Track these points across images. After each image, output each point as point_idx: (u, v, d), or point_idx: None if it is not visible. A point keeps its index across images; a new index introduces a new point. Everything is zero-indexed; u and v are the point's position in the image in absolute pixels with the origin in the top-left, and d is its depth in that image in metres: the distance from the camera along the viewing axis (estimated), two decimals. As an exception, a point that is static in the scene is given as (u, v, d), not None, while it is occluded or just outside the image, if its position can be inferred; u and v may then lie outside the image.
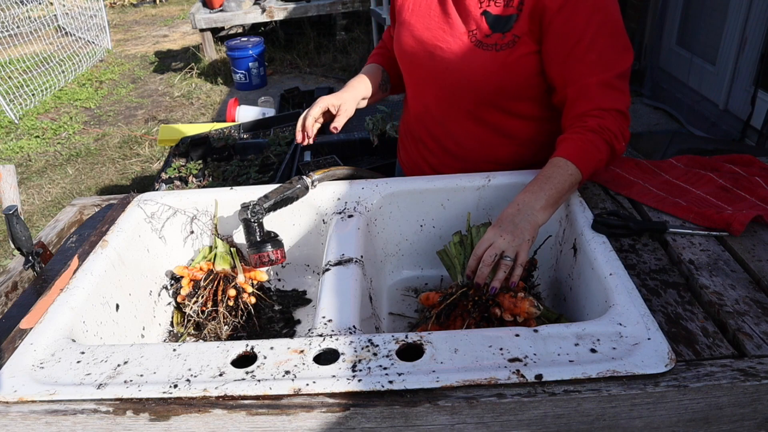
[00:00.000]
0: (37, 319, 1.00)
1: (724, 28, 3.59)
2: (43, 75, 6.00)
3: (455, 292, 1.09)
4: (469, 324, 1.06)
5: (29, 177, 4.35)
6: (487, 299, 1.06)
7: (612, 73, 1.20)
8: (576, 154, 1.17)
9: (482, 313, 1.06)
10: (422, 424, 0.80)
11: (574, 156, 1.17)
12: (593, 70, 1.20)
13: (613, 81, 1.21)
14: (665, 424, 0.82)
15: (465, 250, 1.19)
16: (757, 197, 1.20)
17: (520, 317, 1.03)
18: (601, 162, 1.20)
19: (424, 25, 1.36)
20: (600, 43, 1.20)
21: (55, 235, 1.34)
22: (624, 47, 1.23)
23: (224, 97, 5.58)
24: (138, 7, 9.81)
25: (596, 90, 1.20)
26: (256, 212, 1.19)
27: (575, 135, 1.20)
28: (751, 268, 1.01)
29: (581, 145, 1.18)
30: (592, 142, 1.18)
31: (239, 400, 0.82)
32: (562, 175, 1.15)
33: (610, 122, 1.19)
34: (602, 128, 1.19)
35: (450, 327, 1.08)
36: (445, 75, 1.34)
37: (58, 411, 0.82)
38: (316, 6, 6.11)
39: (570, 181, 1.16)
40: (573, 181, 1.16)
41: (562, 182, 1.15)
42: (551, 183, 1.14)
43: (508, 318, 1.03)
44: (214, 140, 2.53)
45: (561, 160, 1.17)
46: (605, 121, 1.19)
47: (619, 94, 1.22)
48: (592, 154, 1.18)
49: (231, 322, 1.24)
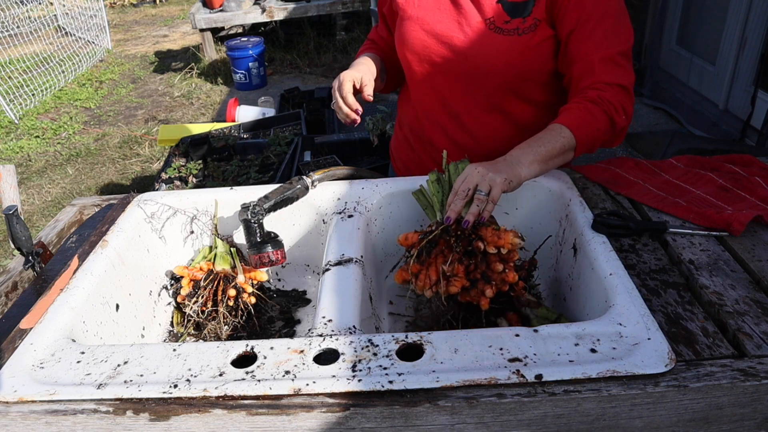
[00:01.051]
0: (37, 319, 1.00)
1: (724, 28, 3.58)
2: (43, 75, 6.00)
3: (435, 230, 1.08)
4: (452, 260, 1.05)
5: (29, 177, 4.35)
6: (470, 233, 1.05)
7: (616, 50, 1.25)
8: (571, 121, 1.21)
9: (465, 247, 1.05)
10: (422, 424, 0.80)
11: (569, 122, 1.21)
12: (598, 47, 1.24)
13: (616, 57, 1.25)
14: (665, 424, 0.82)
15: (443, 187, 1.18)
16: (757, 197, 1.20)
17: (504, 249, 1.03)
18: (599, 132, 1.22)
19: (435, 18, 1.36)
20: (606, 23, 1.25)
21: (55, 235, 1.34)
22: (627, 27, 1.28)
23: (224, 97, 5.58)
24: (138, 7, 9.81)
25: (599, 65, 1.25)
26: (256, 213, 1.19)
27: (574, 105, 1.25)
28: (751, 268, 1.01)
29: (577, 113, 1.22)
30: (590, 111, 1.21)
31: (239, 400, 0.82)
32: (555, 138, 1.19)
33: (610, 95, 1.23)
34: (601, 99, 1.22)
35: (431, 266, 1.07)
36: (465, 65, 1.34)
37: (58, 411, 0.82)
38: (316, 6, 6.11)
39: (562, 143, 1.18)
40: (565, 144, 1.19)
41: (553, 143, 1.18)
42: (542, 142, 1.18)
43: (492, 251, 1.03)
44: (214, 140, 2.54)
45: (556, 125, 1.21)
46: (605, 93, 1.23)
47: (622, 70, 1.26)
48: (588, 122, 1.21)
49: (231, 322, 1.24)
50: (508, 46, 1.29)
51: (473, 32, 1.31)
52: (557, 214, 1.28)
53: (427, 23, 1.37)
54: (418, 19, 1.38)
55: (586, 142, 1.21)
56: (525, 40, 1.28)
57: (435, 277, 1.06)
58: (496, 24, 1.29)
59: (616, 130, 1.25)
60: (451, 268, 1.05)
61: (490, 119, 1.40)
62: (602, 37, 1.24)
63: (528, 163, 1.15)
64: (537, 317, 1.09)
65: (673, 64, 4.24)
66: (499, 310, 1.11)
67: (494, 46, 1.30)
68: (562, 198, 1.26)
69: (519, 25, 1.28)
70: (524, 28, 1.28)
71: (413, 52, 1.41)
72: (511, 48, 1.29)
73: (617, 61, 1.25)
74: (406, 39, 1.41)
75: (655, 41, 4.39)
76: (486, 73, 1.33)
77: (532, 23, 1.28)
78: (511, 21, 1.28)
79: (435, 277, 1.07)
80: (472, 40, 1.32)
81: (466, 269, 1.06)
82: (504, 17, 1.29)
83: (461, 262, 1.06)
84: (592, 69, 1.25)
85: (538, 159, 1.16)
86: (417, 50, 1.40)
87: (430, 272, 1.08)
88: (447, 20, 1.35)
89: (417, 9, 1.39)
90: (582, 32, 1.25)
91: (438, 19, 1.36)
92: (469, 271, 1.06)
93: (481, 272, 1.05)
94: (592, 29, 1.24)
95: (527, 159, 1.15)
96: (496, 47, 1.29)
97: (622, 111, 1.24)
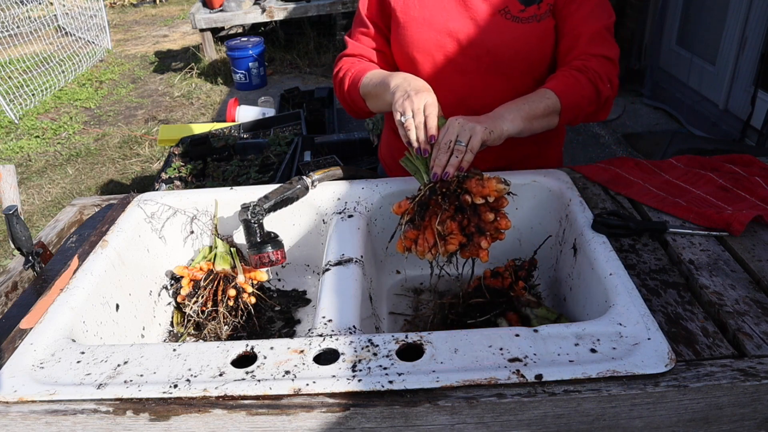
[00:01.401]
0: (37, 319, 1.00)
1: (724, 28, 3.59)
2: (43, 75, 6.00)
3: (424, 191, 1.08)
4: (444, 218, 1.04)
5: (29, 177, 4.35)
6: (456, 188, 1.05)
7: (601, 24, 1.30)
8: (557, 86, 1.25)
9: (453, 203, 1.05)
10: (422, 424, 0.80)
11: (554, 86, 1.25)
12: (585, 22, 1.30)
13: (602, 31, 1.30)
14: (665, 424, 0.82)
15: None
16: (757, 197, 1.20)
17: (491, 197, 1.03)
18: (584, 99, 1.26)
19: (444, 16, 1.34)
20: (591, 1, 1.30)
21: (55, 235, 1.34)
22: (608, 5, 1.34)
23: (224, 97, 5.58)
24: (138, 7, 9.81)
25: (585, 39, 1.30)
26: (256, 213, 1.19)
27: (560, 73, 1.30)
28: (751, 268, 1.01)
29: (563, 79, 1.27)
30: (575, 77, 1.26)
31: (239, 400, 0.82)
32: (540, 99, 1.23)
33: (595, 64, 1.28)
34: (587, 68, 1.27)
35: (427, 229, 1.07)
36: (488, 60, 1.33)
37: (58, 411, 0.82)
38: (316, 6, 6.11)
39: (546, 104, 1.22)
40: (550, 105, 1.23)
41: (537, 103, 1.22)
42: (526, 101, 1.22)
43: (480, 201, 1.03)
44: (214, 140, 2.54)
45: (541, 89, 1.26)
46: (590, 62, 1.28)
47: (607, 43, 1.31)
48: (573, 88, 1.25)
49: (231, 322, 1.24)
50: (529, 33, 1.30)
51: (490, 26, 1.31)
52: (557, 214, 1.28)
53: (437, 22, 1.34)
54: (425, 20, 1.35)
55: (571, 107, 1.25)
56: (543, 25, 1.31)
57: (432, 240, 1.06)
58: (511, 13, 1.30)
59: (601, 99, 1.29)
60: (444, 227, 1.05)
61: None
62: (588, 13, 1.30)
63: (511, 118, 1.17)
64: (537, 317, 1.09)
65: (673, 64, 4.24)
66: (500, 310, 1.11)
67: (515, 35, 1.30)
68: (562, 198, 1.26)
69: (536, 12, 1.30)
70: (541, 14, 1.30)
71: (425, 53, 1.36)
72: (532, 35, 1.31)
73: (603, 35, 1.30)
74: (414, 42, 1.36)
75: (655, 41, 4.39)
76: (510, 63, 1.33)
77: (547, 8, 1.30)
78: (526, 9, 1.30)
79: (432, 239, 1.06)
80: (489, 33, 1.31)
81: (460, 225, 1.05)
82: (518, 6, 1.30)
83: (454, 219, 1.05)
84: (578, 42, 1.30)
85: (522, 116, 1.18)
86: (430, 51, 1.36)
87: (427, 235, 1.07)
88: (458, 18, 1.33)
89: (420, 10, 1.36)
90: (570, 8, 1.30)
91: (448, 17, 1.34)
92: (463, 226, 1.05)
93: (475, 225, 1.05)
94: (579, 4, 1.30)
95: (510, 115, 1.17)
96: (517, 36, 1.30)
97: (607, 80, 1.27)
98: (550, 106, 1.22)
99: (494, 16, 1.31)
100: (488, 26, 1.32)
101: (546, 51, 1.34)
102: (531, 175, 1.31)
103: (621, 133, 4.08)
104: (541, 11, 1.30)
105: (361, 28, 1.47)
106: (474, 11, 1.32)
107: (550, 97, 1.22)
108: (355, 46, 1.47)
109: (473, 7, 1.32)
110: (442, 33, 1.34)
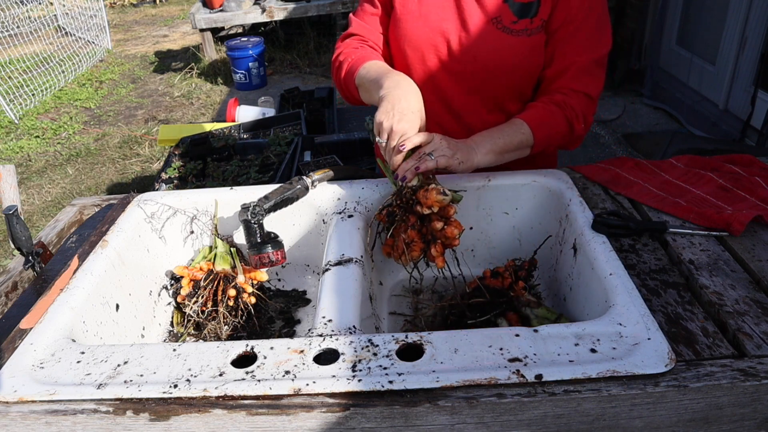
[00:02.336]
0: (37, 319, 1.00)
1: (724, 28, 3.59)
2: (43, 75, 6.00)
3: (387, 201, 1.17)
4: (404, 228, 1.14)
5: (29, 177, 4.35)
6: (408, 200, 1.12)
7: (591, 56, 1.30)
8: (534, 120, 1.27)
9: (409, 213, 1.14)
10: (422, 424, 0.80)
11: (531, 120, 1.27)
12: (576, 52, 1.29)
13: (590, 65, 1.30)
14: (665, 424, 0.82)
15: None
16: (757, 197, 1.20)
17: (434, 208, 1.10)
18: (557, 135, 1.29)
19: (439, 16, 1.34)
20: (587, 27, 1.29)
21: (55, 235, 1.34)
22: (607, 32, 1.33)
23: (224, 97, 5.58)
24: (138, 7, 9.81)
25: (573, 72, 1.30)
26: (256, 213, 1.19)
27: (540, 104, 1.31)
28: (751, 268, 1.01)
29: (541, 113, 1.28)
30: (552, 114, 1.28)
31: (239, 400, 0.82)
32: (515, 133, 1.26)
33: (575, 102, 1.29)
34: (566, 105, 1.29)
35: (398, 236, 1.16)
36: (473, 66, 1.33)
37: (58, 411, 0.82)
38: (316, 6, 6.11)
39: (520, 139, 1.26)
40: (523, 140, 1.26)
41: (512, 137, 1.25)
42: (502, 134, 1.25)
43: (426, 212, 1.10)
44: (214, 140, 2.54)
45: (518, 121, 1.28)
46: (571, 99, 1.29)
47: (592, 80, 1.31)
48: (548, 124, 1.28)
49: (231, 322, 1.24)
50: (518, 46, 1.29)
51: (480, 32, 1.31)
52: (557, 214, 1.28)
53: (431, 20, 1.34)
54: (422, 16, 1.35)
55: (542, 141, 1.28)
56: (535, 40, 1.30)
57: (401, 247, 1.16)
58: (503, 23, 1.29)
59: (574, 135, 1.32)
60: (407, 235, 1.14)
61: (491, 119, 1.39)
62: (581, 42, 1.29)
63: (485, 152, 1.22)
64: (537, 317, 1.09)
65: (673, 64, 4.24)
66: (500, 310, 1.11)
67: (503, 46, 1.30)
68: (562, 198, 1.26)
69: (527, 26, 1.29)
70: (532, 29, 1.29)
71: (416, 49, 1.37)
72: (521, 49, 1.30)
73: (590, 69, 1.30)
74: (407, 35, 1.36)
75: (655, 41, 4.39)
76: (494, 74, 1.33)
77: (540, 24, 1.29)
78: (518, 21, 1.29)
79: (401, 246, 1.16)
80: (479, 40, 1.31)
81: (419, 233, 1.14)
82: (511, 17, 1.29)
83: (414, 227, 1.14)
84: (565, 73, 1.30)
85: (495, 150, 1.23)
86: (421, 48, 1.36)
87: (399, 243, 1.17)
88: (452, 18, 1.33)
89: (418, 5, 1.35)
90: (563, 33, 1.29)
91: (443, 17, 1.34)
92: (423, 234, 1.14)
93: (430, 233, 1.13)
94: (574, 32, 1.28)
95: (485, 148, 1.22)
96: (506, 47, 1.30)
97: (582, 119, 1.30)
98: (523, 141, 1.26)
99: (486, 25, 1.30)
100: (479, 33, 1.31)
101: (532, 66, 1.33)
102: (531, 175, 1.31)
103: (621, 133, 4.08)
104: (533, 26, 1.29)
105: (367, 5, 1.44)
106: (467, 16, 1.32)
107: (525, 132, 1.26)
108: (359, 26, 1.44)
109: (467, 11, 1.32)
110: (435, 31, 1.34)
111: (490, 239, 1.38)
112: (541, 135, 1.27)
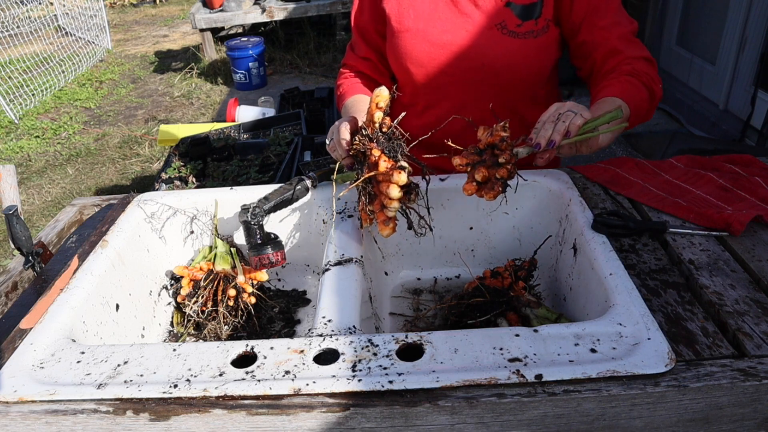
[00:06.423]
0: (37, 319, 1.00)
1: (724, 28, 3.58)
2: (43, 75, 6.00)
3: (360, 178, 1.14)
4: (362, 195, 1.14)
5: (29, 177, 4.35)
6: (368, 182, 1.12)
7: (629, 29, 1.29)
8: (620, 92, 1.19)
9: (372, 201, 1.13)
10: (422, 424, 0.80)
11: (618, 93, 1.19)
12: (612, 31, 1.28)
13: (632, 36, 1.30)
14: (665, 424, 0.82)
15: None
16: (757, 197, 1.20)
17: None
18: (643, 101, 1.23)
19: (440, 29, 1.34)
20: (611, 9, 1.29)
21: (55, 235, 1.34)
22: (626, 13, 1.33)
23: (224, 97, 5.58)
24: (138, 7, 9.81)
25: (621, 44, 1.28)
26: (255, 214, 1.19)
27: (613, 80, 1.24)
28: (751, 268, 1.01)
29: (621, 85, 1.22)
30: (631, 83, 1.23)
31: (239, 400, 0.82)
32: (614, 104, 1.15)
33: (642, 67, 1.25)
34: (637, 72, 1.25)
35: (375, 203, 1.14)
36: (482, 72, 1.34)
37: (58, 411, 0.82)
38: (316, 6, 6.11)
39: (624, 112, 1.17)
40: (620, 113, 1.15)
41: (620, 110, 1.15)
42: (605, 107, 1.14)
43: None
44: (214, 140, 2.54)
45: (607, 98, 1.18)
46: (637, 66, 1.26)
47: (641, 45, 1.30)
48: (633, 92, 1.21)
49: (231, 322, 1.24)
50: (526, 49, 1.30)
51: (486, 39, 1.31)
52: (557, 214, 1.28)
53: (432, 34, 1.34)
54: (419, 32, 1.35)
55: (634, 111, 1.19)
56: (541, 41, 1.30)
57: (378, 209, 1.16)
58: (508, 28, 1.29)
59: (655, 100, 1.28)
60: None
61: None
62: (613, 20, 1.28)
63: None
64: (537, 317, 1.09)
65: (673, 64, 4.24)
66: (500, 310, 1.11)
67: (511, 50, 1.30)
68: (562, 198, 1.26)
69: (533, 28, 1.29)
70: (538, 30, 1.29)
71: (419, 65, 1.38)
72: (529, 51, 1.30)
73: (633, 39, 1.29)
74: (408, 52, 1.37)
75: (655, 41, 4.39)
76: (507, 77, 1.33)
77: (544, 24, 1.29)
78: (523, 24, 1.29)
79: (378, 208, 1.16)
80: (486, 48, 1.31)
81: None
82: (515, 20, 1.29)
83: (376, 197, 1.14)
84: (615, 49, 1.28)
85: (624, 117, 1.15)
86: (423, 63, 1.37)
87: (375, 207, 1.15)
88: (453, 29, 1.33)
89: (415, 21, 1.35)
90: (593, 19, 1.28)
91: (443, 29, 1.33)
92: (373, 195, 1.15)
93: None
94: (603, 14, 1.28)
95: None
96: (514, 51, 1.30)
97: (658, 80, 1.28)
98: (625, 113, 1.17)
99: (490, 30, 1.30)
100: (483, 40, 1.31)
101: (543, 65, 1.34)
102: (531, 175, 1.31)
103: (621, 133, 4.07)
104: (538, 27, 1.29)
105: (354, 35, 1.53)
106: (470, 24, 1.32)
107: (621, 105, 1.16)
108: (349, 56, 1.56)
109: (469, 20, 1.32)
110: (436, 45, 1.35)
111: (490, 239, 1.38)
112: (632, 103, 1.19)
